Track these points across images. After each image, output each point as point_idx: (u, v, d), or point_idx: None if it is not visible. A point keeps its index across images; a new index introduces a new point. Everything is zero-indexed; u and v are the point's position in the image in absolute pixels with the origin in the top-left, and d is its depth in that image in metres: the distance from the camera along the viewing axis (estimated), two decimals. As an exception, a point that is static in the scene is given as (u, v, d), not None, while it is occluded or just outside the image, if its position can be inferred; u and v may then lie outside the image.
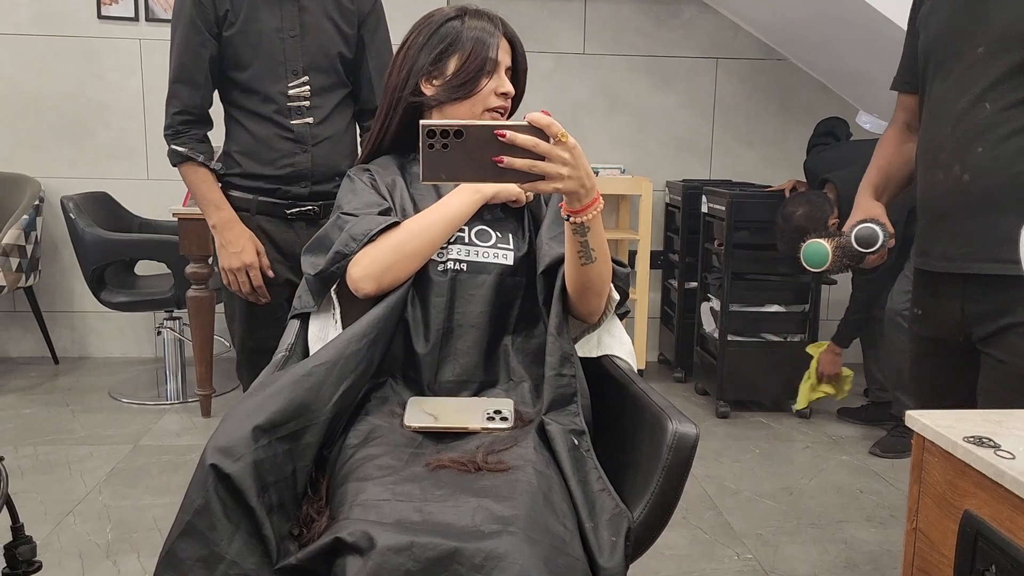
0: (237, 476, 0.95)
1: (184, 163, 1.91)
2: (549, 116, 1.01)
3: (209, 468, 0.95)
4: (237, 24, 1.82)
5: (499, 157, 1.00)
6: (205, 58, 1.84)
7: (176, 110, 1.89)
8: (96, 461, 2.64)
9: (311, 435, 1.08)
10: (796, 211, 2.81)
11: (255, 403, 1.04)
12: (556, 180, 1.04)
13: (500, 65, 1.32)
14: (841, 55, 3.42)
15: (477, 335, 1.27)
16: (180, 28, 1.83)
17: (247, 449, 0.98)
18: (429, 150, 1.00)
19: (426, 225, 1.26)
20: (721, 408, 3.18)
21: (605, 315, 1.31)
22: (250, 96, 1.87)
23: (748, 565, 2.09)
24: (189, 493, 0.96)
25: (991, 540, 0.79)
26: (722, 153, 3.89)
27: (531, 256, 1.31)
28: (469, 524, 0.94)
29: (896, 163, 1.56)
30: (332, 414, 1.11)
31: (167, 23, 3.62)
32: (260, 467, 0.98)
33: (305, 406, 1.07)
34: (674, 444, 1.09)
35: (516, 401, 1.24)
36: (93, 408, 3.14)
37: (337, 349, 1.15)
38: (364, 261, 1.23)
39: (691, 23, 3.78)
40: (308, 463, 1.08)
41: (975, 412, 0.94)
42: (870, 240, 1.44)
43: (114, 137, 3.67)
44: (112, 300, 3.18)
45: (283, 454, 1.02)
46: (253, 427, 1.00)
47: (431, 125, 1.00)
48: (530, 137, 1.01)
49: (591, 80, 3.77)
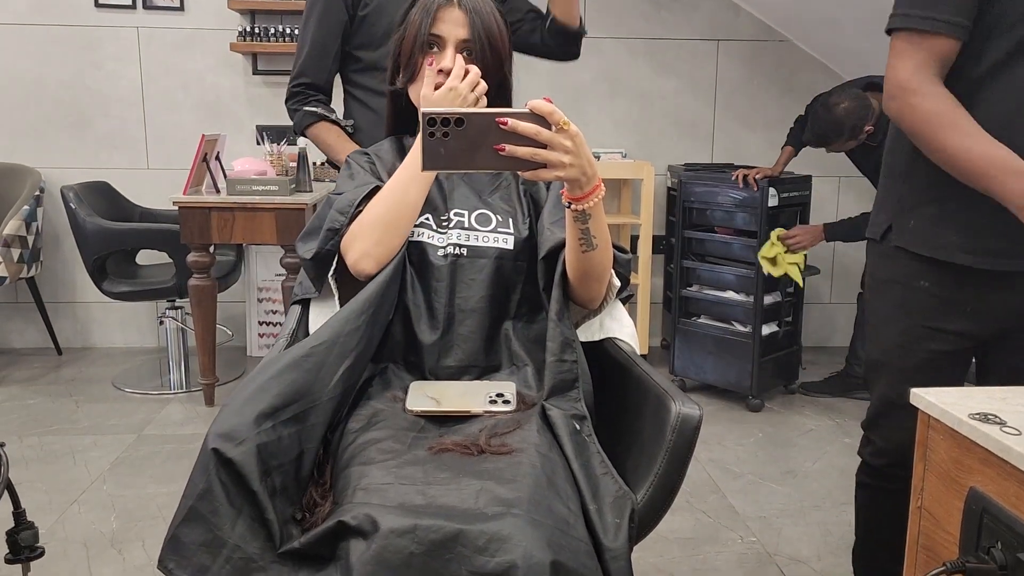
0: (239, 460, 0.95)
1: (317, 123, 1.92)
2: (551, 103, 1.00)
3: (211, 452, 0.95)
4: (372, 3, 1.86)
5: (500, 145, 1.00)
6: (338, 35, 1.89)
7: (304, 81, 1.93)
8: (100, 451, 2.64)
9: (316, 416, 1.08)
10: (841, 102, 2.71)
11: (256, 386, 1.04)
12: (558, 168, 1.03)
13: (445, 40, 1.28)
14: (843, 35, 3.39)
15: (478, 320, 1.26)
16: (319, 4, 1.88)
17: (250, 433, 0.98)
18: (430, 138, 0.99)
19: (402, 189, 1.24)
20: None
21: (606, 301, 1.30)
22: (375, 75, 1.89)
23: (752, 548, 2.09)
24: (192, 478, 0.96)
25: (997, 517, 0.79)
26: (724, 136, 3.87)
27: (532, 240, 1.30)
28: (472, 506, 0.94)
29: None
30: (336, 393, 1.11)
31: (165, 10, 3.63)
32: (263, 451, 0.98)
33: (307, 387, 1.07)
34: (677, 425, 1.09)
35: (519, 384, 1.24)
36: (97, 398, 3.14)
37: (335, 328, 1.14)
38: (355, 243, 1.22)
39: (691, 5, 3.75)
40: (315, 444, 1.08)
41: (980, 389, 0.93)
42: None
43: (114, 126, 3.66)
44: (114, 290, 3.18)
45: (288, 437, 1.02)
46: (256, 412, 1.00)
47: (432, 113, 0.99)
48: (532, 125, 1.00)
49: (592, 64, 3.74)
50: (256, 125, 3.68)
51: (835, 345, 3.86)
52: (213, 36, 3.62)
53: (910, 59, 1.27)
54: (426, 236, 1.28)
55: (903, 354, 1.42)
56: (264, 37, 3.52)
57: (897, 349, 1.42)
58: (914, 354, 1.40)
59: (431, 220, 1.30)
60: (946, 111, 1.25)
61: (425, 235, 1.28)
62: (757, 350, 3.07)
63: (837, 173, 3.77)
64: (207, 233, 2.86)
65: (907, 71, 1.27)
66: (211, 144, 2.99)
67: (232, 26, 3.59)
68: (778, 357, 3.22)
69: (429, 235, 1.28)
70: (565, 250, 1.20)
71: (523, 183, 1.37)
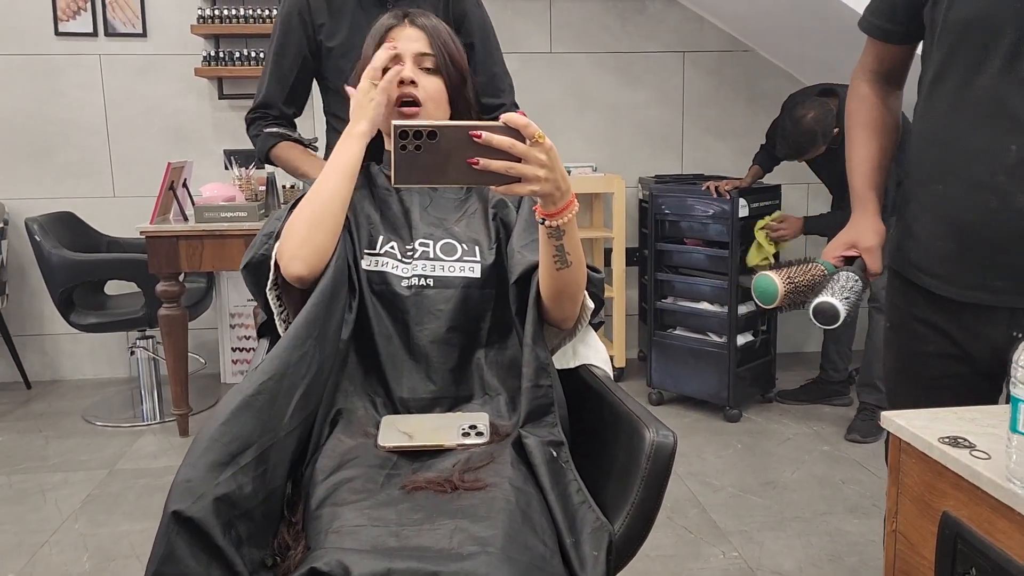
0: (199, 517, 0.92)
1: (279, 143, 1.91)
2: (525, 117, 0.99)
3: (171, 516, 0.92)
4: (339, 36, 1.86)
5: (474, 159, 0.97)
6: (296, 66, 1.90)
7: (263, 109, 1.93)
8: (71, 488, 2.59)
9: (277, 454, 1.04)
10: (807, 113, 2.80)
11: (208, 436, 1.00)
12: (533, 182, 1.01)
13: (402, 56, 1.28)
14: (807, 44, 3.43)
15: (447, 351, 1.24)
16: (277, 37, 1.89)
17: (207, 487, 0.94)
18: (402, 152, 0.97)
19: (323, 185, 1.22)
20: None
21: (580, 324, 1.29)
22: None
23: (734, 563, 2.09)
24: (155, 543, 0.93)
25: (970, 543, 0.79)
26: (693, 147, 3.89)
27: (500, 266, 1.29)
28: (447, 547, 0.93)
29: (886, 129, 1.29)
30: (294, 425, 1.08)
31: (127, 37, 3.59)
32: (224, 503, 0.95)
33: (262, 426, 1.03)
34: (652, 453, 1.08)
35: (492, 415, 1.22)
36: (67, 433, 3.08)
37: (282, 358, 1.09)
38: (284, 246, 1.20)
39: (656, 18, 3.78)
40: (281, 483, 1.06)
41: (950, 410, 0.93)
42: (829, 318, 1.18)
43: (78, 155, 3.61)
44: (82, 322, 3.13)
45: (250, 482, 0.99)
46: (210, 463, 0.97)
47: (404, 126, 0.97)
48: (506, 138, 0.98)
49: (559, 79, 3.75)
50: (224, 149, 3.63)
51: (810, 351, 3.89)
52: (177, 61, 3.59)
53: (862, 57, 1.32)
54: (391, 266, 1.26)
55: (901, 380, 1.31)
56: (229, 61, 3.49)
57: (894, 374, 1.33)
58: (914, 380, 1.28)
59: (396, 250, 1.28)
60: (854, 111, 1.30)
61: (390, 265, 1.26)
62: (733, 360, 3.08)
63: (805, 180, 3.80)
64: (176, 262, 2.82)
65: (855, 69, 1.33)
66: (177, 172, 2.96)
67: (196, 51, 3.55)
68: (754, 366, 3.23)
69: (394, 265, 1.27)
70: (539, 269, 1.19)
71: (493, 207, 1.35)
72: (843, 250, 1.25)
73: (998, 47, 1.06)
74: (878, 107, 1.30)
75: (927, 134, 1.19)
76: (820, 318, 1.18)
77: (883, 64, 1.29)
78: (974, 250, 1.13)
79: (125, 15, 3.54)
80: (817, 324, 1.19)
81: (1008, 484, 0.74)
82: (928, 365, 1.24)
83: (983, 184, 1.09)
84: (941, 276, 1.18)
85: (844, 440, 2.90)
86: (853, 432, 2.90)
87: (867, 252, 1.22)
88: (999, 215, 1.08)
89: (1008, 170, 1.06)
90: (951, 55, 1.12)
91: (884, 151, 1.29)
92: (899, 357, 1.30)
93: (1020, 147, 1.04)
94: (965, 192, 1.12)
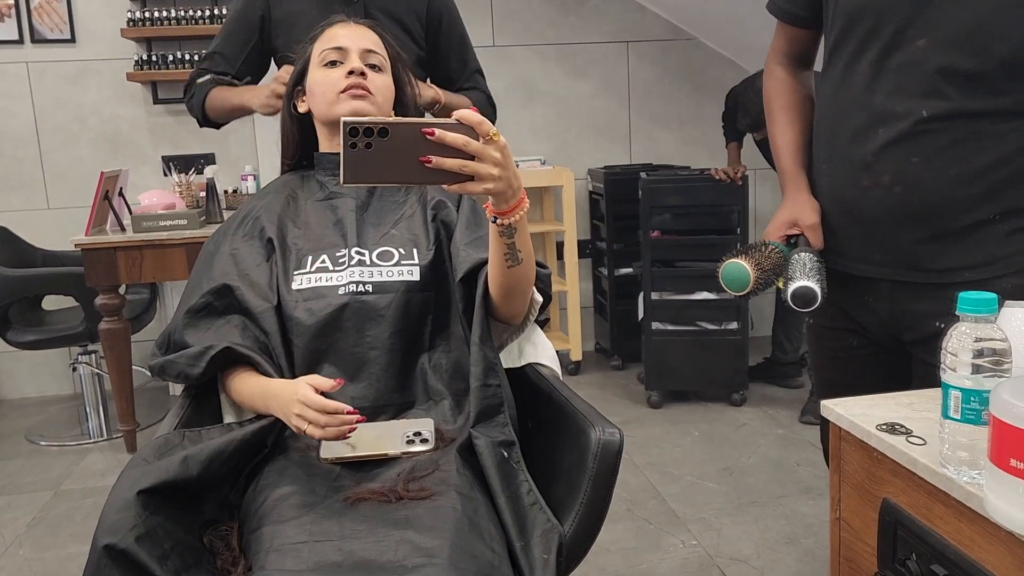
0: (132, 550, 0.89)
1: (210, 92, 1.82)
2: (479, 113, 0.96)
3: (102, 551, 0.88)
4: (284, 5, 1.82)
5: (427, 157, 0.94)
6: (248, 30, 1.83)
7: (203, 66, 1.86)
8: (15, 511, 2.50)
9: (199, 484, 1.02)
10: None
11: (136, 472, 0.98)
12: (486, 181, 0.98)
13: (347, 50, 1.29)
14: (748, 31, 3.45)
15: (389, 357, 1.22)
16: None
17: (138, 520, 0.92)
18: (351, 150, 0.93)
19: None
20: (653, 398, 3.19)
21: (528, 319, 1.28)
22: None
23: (694, 552, 2.10)
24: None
25: (909, 529, 0.79)
26: (641, 137, 3.90)
27: (439, 267, 1.27)
28: (392, 559, 0.91)
29: (805, 109, 1.34)
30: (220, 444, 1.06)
31: (55, 43, 3.47)
32: (154, 535, 0.92)
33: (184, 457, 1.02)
34: (599, 452, 1.07)
35: (437, 420, 1.20)
36: (9, 454, 2.97)
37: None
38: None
39: (598, 9, 3.77)
40: (214, 505, 1.03)
41: (887, 396, 0.93)
42: (808, 300, 1.18)
43: (8, 166, 3.48)
44: (20, 340, 3.02)
45: (180, 509, 0.96)
46: (138, 492, 0.94)
47: (354, 122, 0.92)
48: (460, 136, 0.94)
49: (504, 72, 3.73)
50: (161, 156, 3.55)
51: (762, 335, 3.93)
52: (108, 66, 3.48)
53: (773, 41, 1.37)
54: (323, 279, 1.23)
55: (814, 354, 1.41)
56: (163, 65, 3.40)
57: (811, 350, 1.42)
58: (821, 352, 1.36)
59: (328, 263, 1.25)
60: (772, 95, 1.36)
61: (323, 279, 1.23)
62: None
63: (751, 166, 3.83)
64: (114, 274, 2.73)
65: (769, 51, 1.37)
66: (111, 180, 2.86)
67: (128, 55, 3.45)
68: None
69: (327, 277, 1.23)
70: (488, 267, 1.17)
71: (432, 208, 1.33)
72: (785, 229, 1.28)
73: (879, 37, 1.13)
74: (795, 88, 1.35)
75: (819, 115, 1.27)
76: (799, 302, 1.18)
77: (793, 46, 1.34)
78: (857, 225, 1.20)
79: (52, 20, 3.42)
80: (795, 308, 1.19)
81: (942, 470, 0.74)
82: (830, 338, 1.32)
83: (857, 164, 1.17)
84: (833, 249, 1.25)
85: (799, 422, 2.93)
86: (807, 414, 2.94)
87: (809, 229, 1.25)
88: (872, 191, 1.16)
89: (874, 152, 1.15)
90: (839, 41, 1.20)
91: (805, 131, 1.34)
92: (811, 331, 1.38)
93: (883, 132, 1.13)
94: (845, 171, 1.20)
